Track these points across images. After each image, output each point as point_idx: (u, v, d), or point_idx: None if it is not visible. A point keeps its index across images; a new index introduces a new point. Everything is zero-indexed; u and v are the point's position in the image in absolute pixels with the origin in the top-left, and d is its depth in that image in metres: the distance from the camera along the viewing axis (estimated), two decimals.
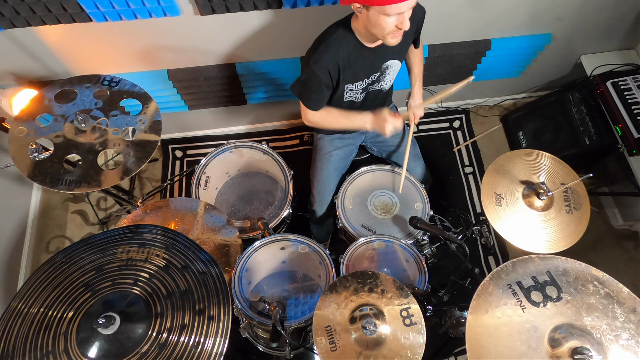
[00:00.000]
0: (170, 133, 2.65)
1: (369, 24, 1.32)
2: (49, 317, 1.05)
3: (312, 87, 1.49)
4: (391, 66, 1.58)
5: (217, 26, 1.74)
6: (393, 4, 1.20)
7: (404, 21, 1.26)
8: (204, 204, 1.69)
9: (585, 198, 1.51)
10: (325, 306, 1.21)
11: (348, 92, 1.59)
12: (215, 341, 1.02)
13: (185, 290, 1.09)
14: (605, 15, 2.01)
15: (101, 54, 1.86)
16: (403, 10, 1.23)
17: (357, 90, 1.59)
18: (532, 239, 1.45)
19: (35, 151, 1.50)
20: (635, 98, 2.04)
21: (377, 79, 1.60)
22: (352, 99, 1.64)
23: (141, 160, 1.52)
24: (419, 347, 1.15)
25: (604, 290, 1.05)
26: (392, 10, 1.22)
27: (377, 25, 1.29)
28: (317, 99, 1.54)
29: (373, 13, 1.25)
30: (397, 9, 1.22)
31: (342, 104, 1.65)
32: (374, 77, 1.58)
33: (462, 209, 2.48)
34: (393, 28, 1.29)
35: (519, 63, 2.29)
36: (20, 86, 1.86)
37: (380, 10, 1.23)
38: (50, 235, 2.43)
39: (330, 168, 1.86)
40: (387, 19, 1.25)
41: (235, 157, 1.93)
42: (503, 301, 1.06)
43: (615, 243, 2.39)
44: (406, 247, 1.62)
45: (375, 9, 1.24)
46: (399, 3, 1.20)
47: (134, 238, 1.18)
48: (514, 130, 2.58)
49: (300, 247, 1.61)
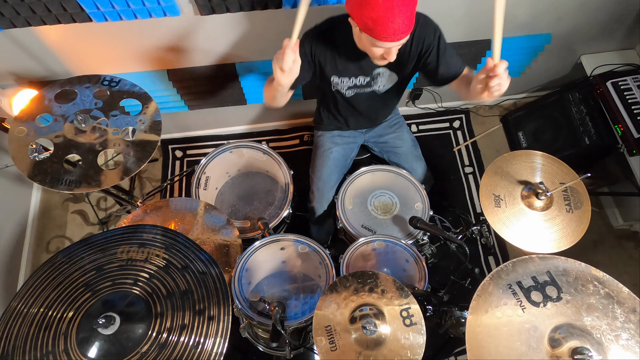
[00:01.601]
0: (170, 133, 2.65)
1: (359, 41, 1.36)
2: (49, 317, 1.05)
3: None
4: (382, 74, 1.58)
5: (217, 26, 1.74)
6: (379, 40, 1.23)
7: (390, 54, 1.31)
8: (204, 204, 1.69)
9: (586, 196, 1.51)
10: (325, 306, 1.21)
11: (335, 84, 1.60)
12: (215, 341, 1.02)
13: (185, 290, 1.09)
14: (605, 15, 2.01)
15: (101, 54, 1.86)
16: (390, 47, 1.27)
17: (342, 86, 1.61)
18: (533, 239, 1.45)
19: (35, 151, 1.50)
20: (635, 98, 2.04)
21: (368, 84, 1.60)
22: (340, 91, 1.64)
23: (141, 160, 1.52)
24: (419, 348, 1.15)
25: (604, 290, 1.05)
26: (379, 44, 1.26)
27: (366, 48, 1.34)
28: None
29: (364, 36, 1.28)
30: (385, 45, 1.26)
31: (331, 93, 1.65)
32: (363, 80, 1.58)
33: (462, 209, 2.48)
34: (379, 56, 1.33)
35: (519, 63, 2.29)
36: (20, 86, 1.86)
37: (369, 38, 1.26)
38: (50, 235, 2.43)
39: (331, 164, 1.86)
40: (375, 48, 1.29)
41: (235, 157, 1.93)
42: (503, 301, 1.06)
43: (615, 243, 2.39)
44: (406, 247, 1.63)
45: (365, 35, 1.26)
46: (384, 42, 1.23)
47: (134, 238, 1.18)
48: (514, 130, 2.58)
49: (300, 247, 1.61)
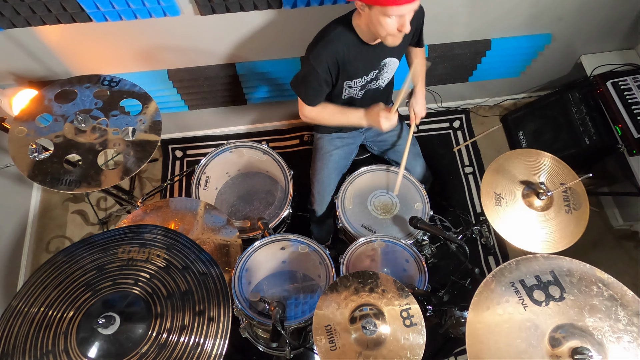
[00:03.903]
0: (170, 133, 2.65)
1: (370, 23, 1.33)
2: (49, 316, 1.05)
3: (310, 82, 1.49)
4: (389, 64, 1.59)
5: (217, 26, 1.74)
6: (394, 5, 1.21)
7: (404, 23, 1.28)
8: (204, 204, 1.69)
9: (585, 198, 1.51)
10: (325, 306, 1.21)
11: (347, 90, 1.60)
12: (215, 342, 1.02)
13: (186, 291, 1.09)
14: (605, 15, 2.01)
15: (101, 54, 1.86)
16: (404, 12, 1.24)
17: (355, 88, 1.60)
18: (532, 238, 1.45)
19: (35, 151, 1.50)
20: (635, 98, 2.04)
21: (376, 77, 1.61)
22: (351, 96, 1.65)
23: (141, 160, 1.52)
24: (419, 348, 1.15)
25: (607, 292, 1.05)
26: (393, 12, 1.23)
27: (378, 25, 1.30)
28: (315, 95, 1.55)
29: (375, 13, 1.26)
30: (398, 11, 1.23)
31: (341, 102, 1.65)
32: (373, 74, 1.59)
33: (462, 209, 2.48)
34: (393, 29, 1.30)
35: (519, 63, 2.29)
36: (20, 86, 1.86)
37: (381, 10, 1.24)
38: (50, 235, 2.43)
39: (331, 167, 1.86)
40: (388, 20, 1.26)
41: (235, 157, 1.93)
42: (505, 298, 1.06)
43: (615, 243, 2.39)
44: (406, 247, 1.62)
45: (377, 9, 1.24)
46: (400, 5, 1.21)
47: (135, 238, 1.17)
48: (514, 130, 2.58)
49: (300, 247, 1.61)
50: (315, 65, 1.44)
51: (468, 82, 2.37)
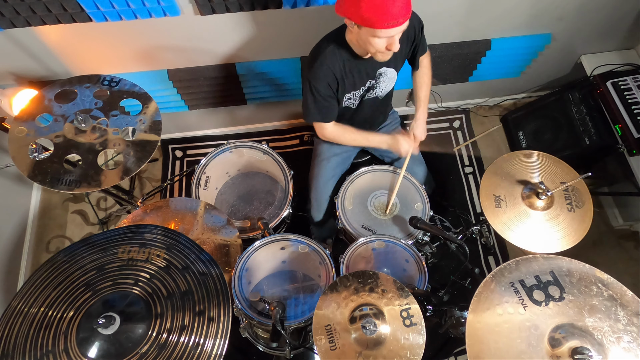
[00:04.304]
0: (170, 133, 2.65)
1: (359, 40, 1.36)
2: (49, 316, 1.05)
3: (318, 101, 1.53)
4: (385, 73, 1.60)
5: (217, 26, 1.74)
6: (382, 28, 1.23)
7: (393, 43, 1.30)
8: (204, 204, 1.69)
9: (587, 195, 1.51)
10: (325, 305, 1.21)
11: (346, 101, 1.63)
12: (215, 342, 1.02)
13: (186, 291, 1.09)
14: (605, 15, 2.01)
15: (101, 54, 1.86)
16: (392, 34, 1.27)
17: (354, 98, 1.63)
18: (535, 239, 1.45)
19: (35, 151, 1.50)
20: (635, 98, 2.04)
21: (373, 86, 1.62)
22: (349, 106, 1.67)
23: (141, 160, 1.52)
24: (419, 348, 1.15)
25: (607, 293, 1.05)
26: (381, 34, 1.26)
27: (367, 44, 1.33)
28: (327, 111, 1.59)
29: (364, 32, 1.29)
30: (387, 33, 1.25)
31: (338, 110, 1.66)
32: (370, 83, 1.60)
33: (462, 209, 2.48)
34: (382, 48, 1.33)
35: (519, 63, 2.29)
36: (20, 86, 1.86)
37: (370, 32, 1.26)
38: (50, 235, 2.43)
39: (327, 175, 1.87)
40: (377, 39, 1.29)
41: (235, 157, 1.93)
42: (505, 299, 1.06)
43: (615, 243, 2.39)
44: (406, 247, 1.63)
45: (365, 29, 1.27)
46: (388, 29, 1.23)
47: (135, 238, 1.18)
48: (514, 130, 2.57)
49: (300, 247, 1.61)
50: (316, 85, 1.48)
51: (468, 82, 2.37)
